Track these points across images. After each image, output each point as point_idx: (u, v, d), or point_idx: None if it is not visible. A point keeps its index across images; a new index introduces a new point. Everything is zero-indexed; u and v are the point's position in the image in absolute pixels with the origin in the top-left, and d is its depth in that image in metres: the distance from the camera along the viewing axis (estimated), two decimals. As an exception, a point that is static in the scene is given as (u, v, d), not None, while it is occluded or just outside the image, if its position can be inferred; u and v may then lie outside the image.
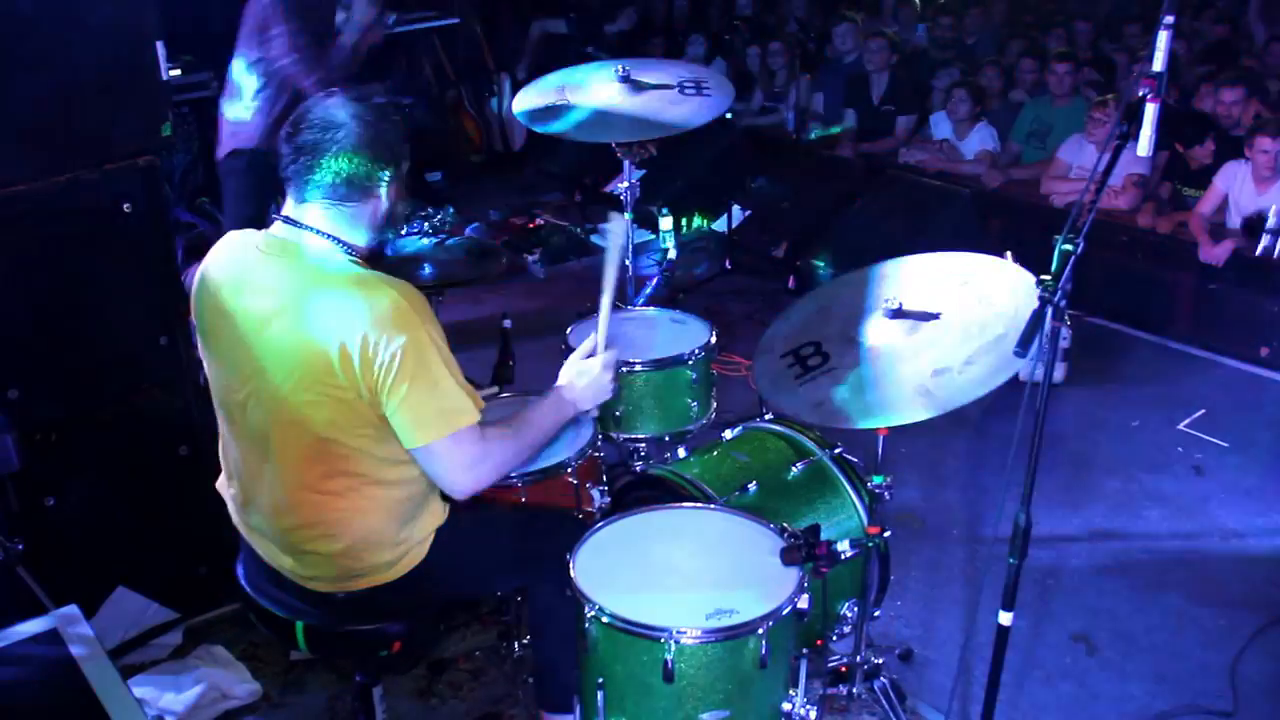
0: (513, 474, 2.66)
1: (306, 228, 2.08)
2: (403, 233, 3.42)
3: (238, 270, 2.12)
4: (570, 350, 3.12)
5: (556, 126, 3.37)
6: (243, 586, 2.35)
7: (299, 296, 2.02)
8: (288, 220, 2.10)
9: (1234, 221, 5.07)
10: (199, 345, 2.23)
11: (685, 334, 3.26)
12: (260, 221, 2.19)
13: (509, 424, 2.20)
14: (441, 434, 2.03)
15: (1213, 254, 4.92)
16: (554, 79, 3.55)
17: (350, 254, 2.09)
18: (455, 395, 2.04)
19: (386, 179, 2.09)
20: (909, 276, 2.54)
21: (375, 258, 2.19)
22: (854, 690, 2.76)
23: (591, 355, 2.37)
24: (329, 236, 2.08)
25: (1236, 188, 5.06)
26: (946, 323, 2.36)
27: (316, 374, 2.00)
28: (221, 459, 2.33)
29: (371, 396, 2.00)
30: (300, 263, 2.06)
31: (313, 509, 2.13)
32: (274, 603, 2.28)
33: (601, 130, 3.36)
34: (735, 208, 6.09)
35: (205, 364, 2.22)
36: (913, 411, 2.24)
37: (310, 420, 2.05)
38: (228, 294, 2.12)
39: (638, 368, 3.05)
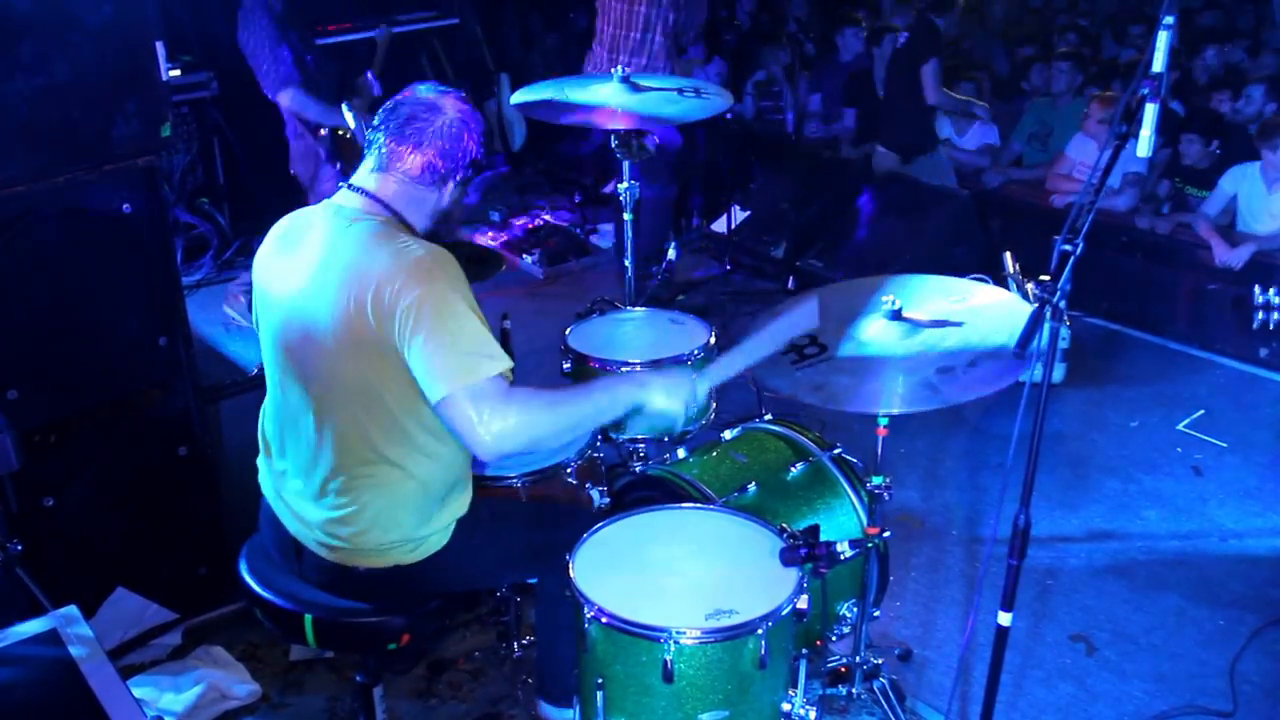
0: (512, 473, 2.67)
1: (374, 197, 2.15)
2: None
3: (294, 236, 2.20)
4: (570, 351, 3.14)
5: (554, 116, 3.39)
6: (248, 582, 2.35)
7: (345, 255, 2.07)
8: (355, 188, 2.17)
9: (1243, 224, 5.02)
10: (253, 310, 2.29)
11: (684, 335, 3.26)
12: None
13: (552, 390, 2.16)
14: (460, 383, 1.99)
15: (1232, 255, 4.88)
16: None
17: (403, 222, 2.16)
18: (476, 345, 2.01)
19: (459, 178, 2.19)
20: (901, 288, 2.55)
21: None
22: (853, 690, 2.76)
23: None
24: (392, 210, 2.15)
25: (1245, 189, 5.01)
26: (946, 329, 2.37)
27: (354, 328, 2.04)
28: (260, 434, 2.37)
29: (396, 348, 2.03)
30: (355, 227, 2.11)
31: (350, 475, 2.16)
32: (283, 596, 2.29)
33: (599, 120, 3.37)
34: (735, 208, 6.09)
35: (259, 329, 2.26)
36: (915, 403, 2.25)
37: (352, 377, 2.09)
38: (283, 257, 2.19)
39: (637, 368, 3.05)
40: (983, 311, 2.41)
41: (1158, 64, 1.96)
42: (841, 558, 2.21)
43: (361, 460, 2.16)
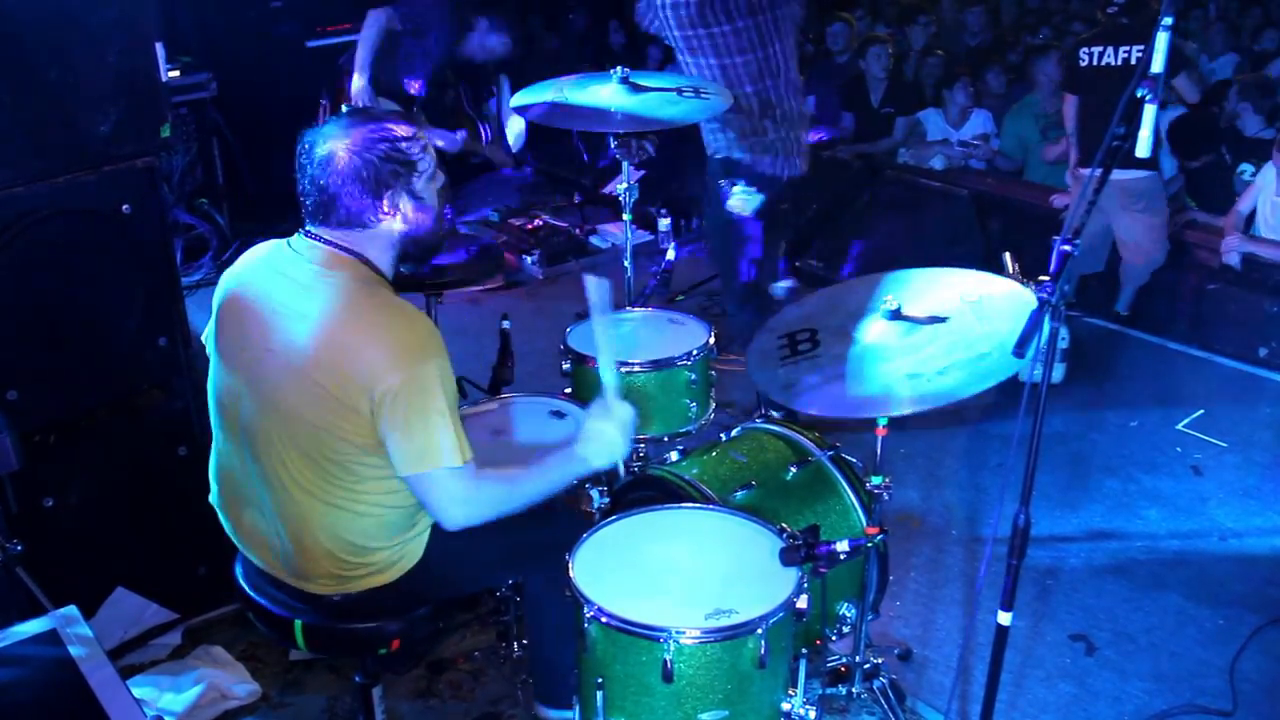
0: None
1: (335, 245, 2.10)
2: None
3: (262, 277, 2.16)
4: (570, 351, 3.15)
5: (553, 119, 3.39)
6: (241, 585, 2.35)
7: (317, 310, 2.05)
8: (311, 235, 2.13)
9: (1258, 228, 4.96)
10: (208, 347, 2.26)
11: (683, 335, 3.26)
12: None
13: (511, 469, 2.21)
14: (432, 466, 2.05)
15: (1232, 243, 4.84)
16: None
17: (373, 270, 2.12)
18: (451, 435, 2.05)
19: (386, 204, 2.09)
20: (928, 285, 2.55)
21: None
22: (853, 690, 2.76)
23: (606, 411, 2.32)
24: (357, 255, 2.11)
25: (1267, 192, 4.93)
26: (938, 333, 2.38)
27: (322, 385, 2.03)
28: (212, 473, 2.34)
29: (371, 417, 2.03)
30: (328, 281, 2.08)
31: (308, 513, 2.15)
32: (273, 601, 2.29)
33: (598, 123, 3.37)
34: (735, 208, 6.08)
35: (211, 365, 2.24)
36: (872, 410, 2.28)
37: (311, 425, 2.07)
38: (246, 298, 2.15)
39: (636, 369, 3.05)
40: (978, 306, 2.41)
41: (1157, 65, 1.96)
42: (841, 557, 2.21)
43: (320, 499, 2.13)
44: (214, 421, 2.27)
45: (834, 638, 2.82)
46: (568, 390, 3.18)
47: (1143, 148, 2.00)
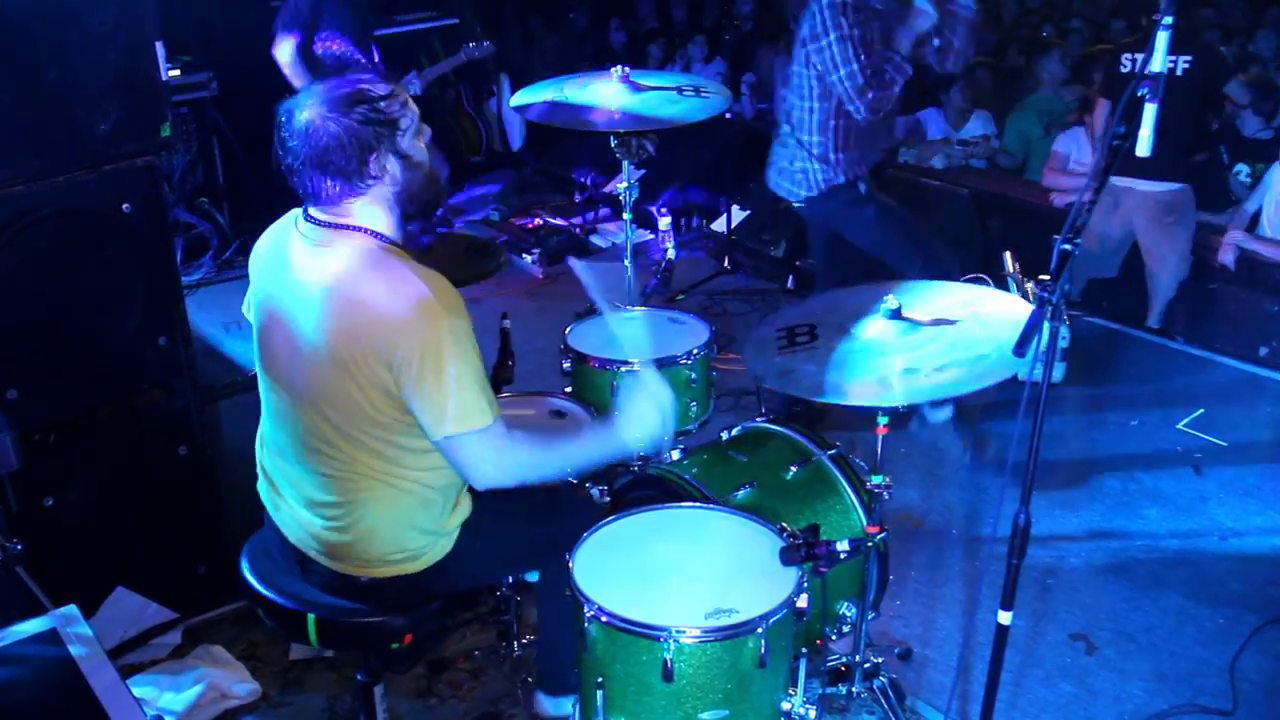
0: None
1: (329, 226, 2.09)
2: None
3: (282, 252, 2.16)
4: (570, 350, 3.15)
5: (554, 119, 3.40)
6: (249, 581, 2.34)
7: (332, 285, 2.05)
8: (311, 219, 2.12)
9: (1262, 228, 4.95)
10: (250, 317, 2.28)
11: (684, 334, 3.26)
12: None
13: (547, 434, 2.21)
14: (463, 427, 2.03)
15: (1234, 237, 4.84)
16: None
17: (381, 241, 2.10)
18: (476, 392, 2.03)
19: (373, 167, 2.05)
20: (928, 294, 2.57)
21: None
22: (853, 689, 2.76)
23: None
24: (351, 227, 2.09)
25: (1273, 191, 4.90)
26: (940, 333, 2.38)
27: (347, 361, 2.03)
28: (258, 438, 2.36)
29: (395, 387, 2.03)
30: (330, 252, 2.07)
31: (342, 491, 2.16)
32: (285, 595, 2.29)
33: (599, 123, 3.37)
34: (735, 208, 6.09)
35: (255, 338, 2.25)
36: (867, 397, 2.28)
37: (344, 403, 2.08)
38: (272, 274, 2.17)
39: (636, 368, 3.05)
40: (981, 318, 2.42)
41: (1156, 64, 1.96)
42: (841, 557, 2.21)
43: (352, 477, 2.15)
44: (262, 393, 2.29)
45: (834, 637, 2.82)
46: (568, 389, 3.18)
47: (1143, 147, 2.00)
